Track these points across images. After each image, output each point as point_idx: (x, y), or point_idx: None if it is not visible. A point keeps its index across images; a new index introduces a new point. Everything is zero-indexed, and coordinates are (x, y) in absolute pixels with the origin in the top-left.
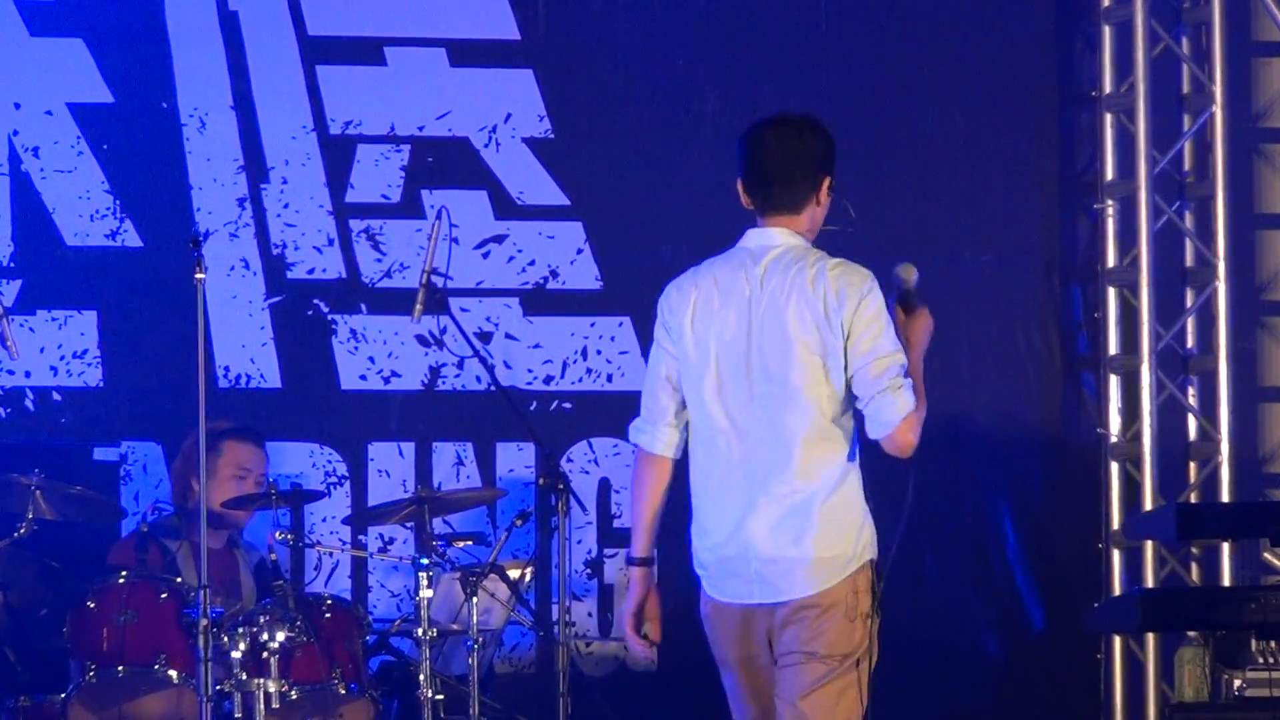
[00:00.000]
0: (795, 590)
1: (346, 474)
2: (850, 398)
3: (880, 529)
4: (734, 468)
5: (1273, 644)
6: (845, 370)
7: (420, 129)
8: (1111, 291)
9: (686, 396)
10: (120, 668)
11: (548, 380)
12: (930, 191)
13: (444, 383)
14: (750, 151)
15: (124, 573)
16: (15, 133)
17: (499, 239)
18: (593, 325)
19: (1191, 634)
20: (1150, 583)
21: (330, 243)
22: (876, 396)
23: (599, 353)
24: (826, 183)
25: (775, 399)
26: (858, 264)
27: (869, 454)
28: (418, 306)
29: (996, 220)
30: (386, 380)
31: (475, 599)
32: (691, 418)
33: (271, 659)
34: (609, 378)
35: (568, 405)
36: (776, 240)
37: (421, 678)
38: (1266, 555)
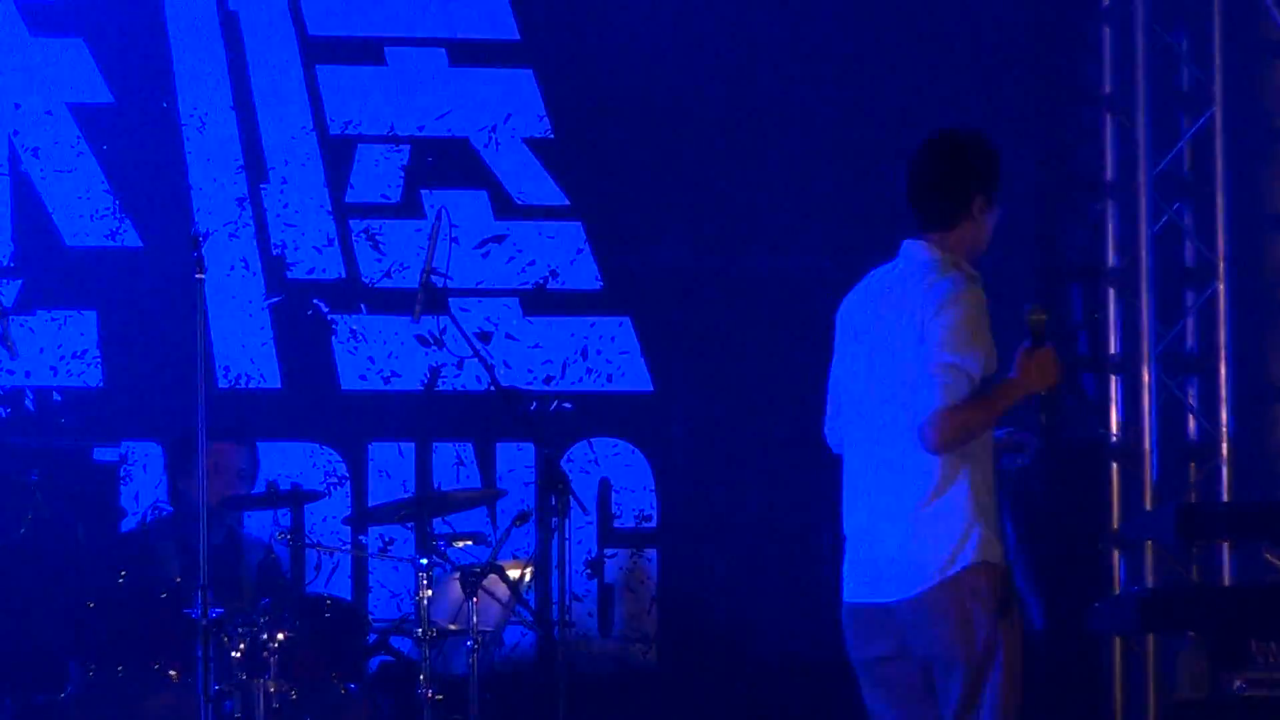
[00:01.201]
0: (895, 591)
1: (346, 474)
2: None
3: None
4: (857, 469)
5: (1273, 644)
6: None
7: (420, 129)
8: (1111, 291)
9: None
10: (120, 668)
11: (548, 380)
12: None
13: (444, 383)
14: (907, 170)
15: (124, 573)
16: (15, 133)
17: (499, 239)
18: (593, 325)
19: (1191, 634)
20: (1150, 583)
21: (330, 243)
22: (923, 385)
23: (599, 353)
24: (979, 200)
25: (881, 400)
26: (968, 274)
27: None
28: (417, 307)
29: (996, 220)
30: (386, 380)
31: (475, 599)
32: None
33: (271, 659)
34: (609, 378)
35: (568, 405)
36: (914, 252)
37: (421, 678)
38: (1267, 555)
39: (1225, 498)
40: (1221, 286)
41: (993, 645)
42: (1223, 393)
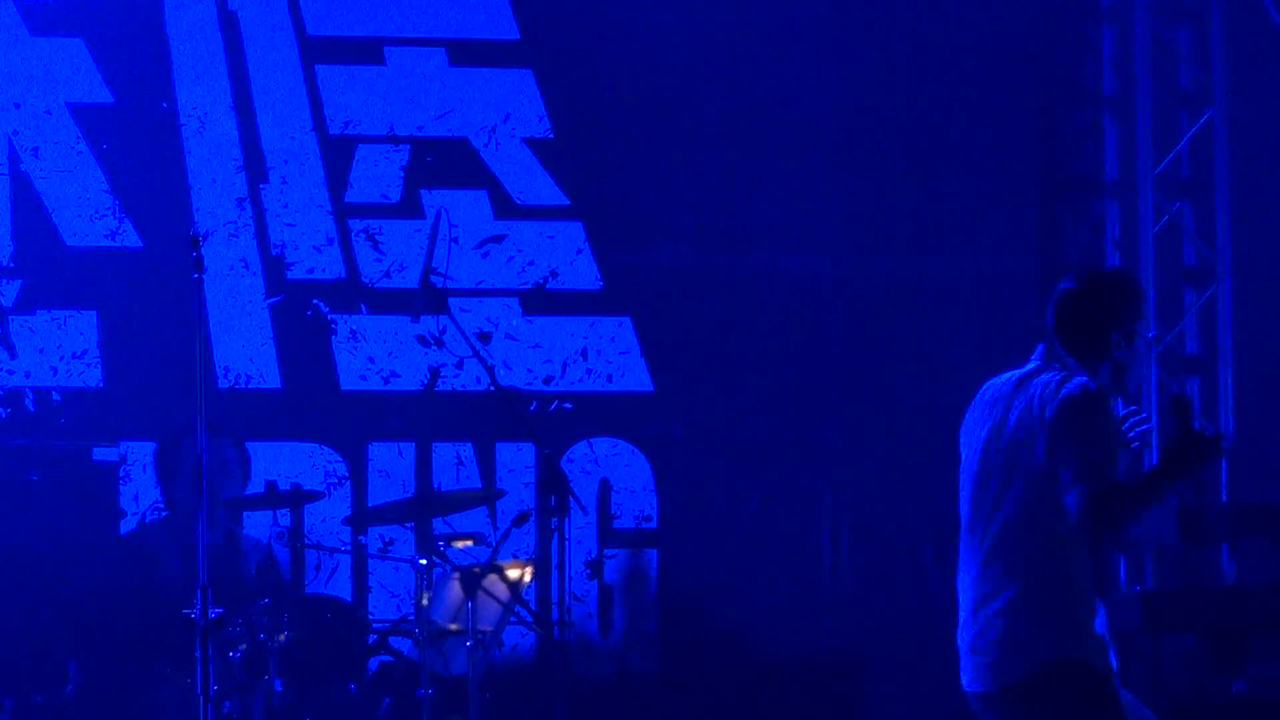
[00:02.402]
0: (987, 680)
1: (346, 474)
2: (1054, 496)
3: None
4: (967, 558)
5: (1273, 644)
6: (1050, 470)
7: (420, 129)
8: None
9: None
10: (120, 668)
11: (548, 380)
12: (929, 192)
13: (444, 383)
14: (1051, 303)
15: (125, 573)
16: (15, 133)
17: (499, 239)
18: (593, 325)
19: (1191, 634)
20: (1150, 583)
21: (330, 243)
22: (1065, 487)
23: (599, 353)
24: (1116, 339)
25: (992, 493)
26: (1089, 381)
27: None
28: (417, 307)
29: (996, 220)
30: (386, 380)
31: (475, 599)
32: None
33: (271, 659)
34: (609, 378)
35: (568, 405)
36: (1042, 357)
37: (421, 677)
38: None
39: (1225, 498)
40: (1222, 286)
41: None
42: (1223, 393)
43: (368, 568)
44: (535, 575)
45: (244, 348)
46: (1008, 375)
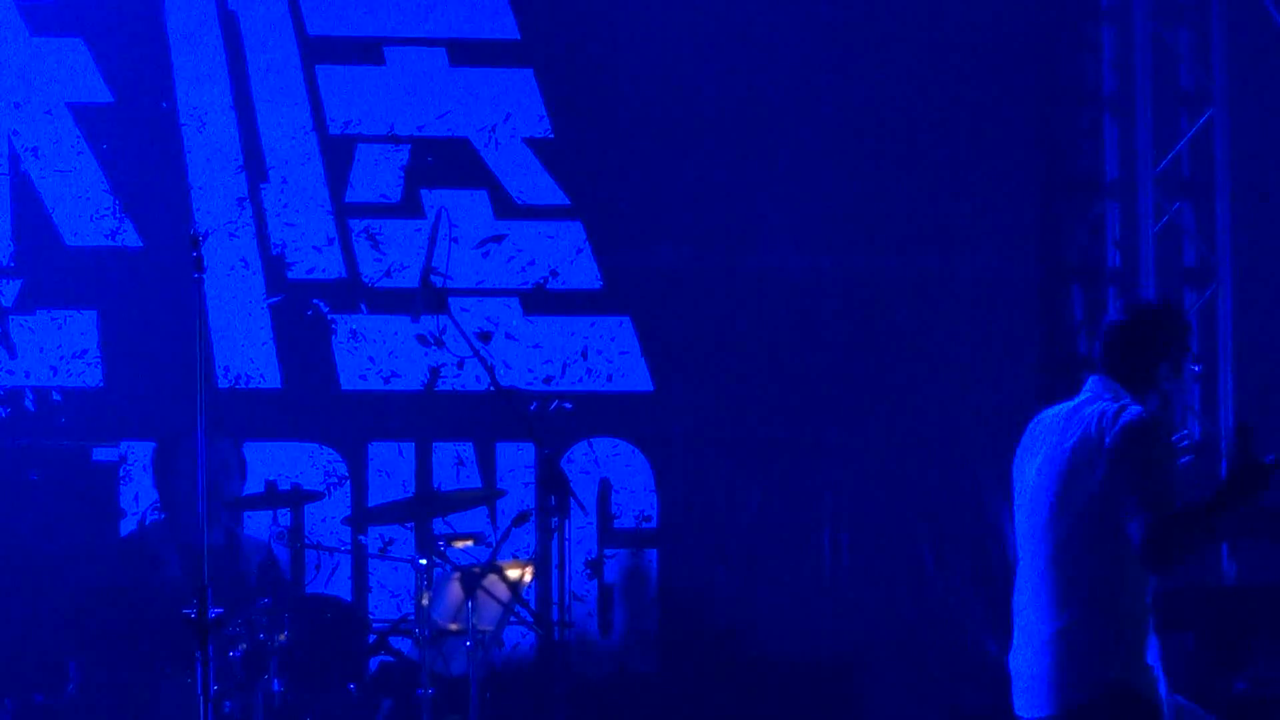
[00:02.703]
0: (1039, 705)
1: (346, 474)
2: (1111, 523)
3: None
4: (1022, 584)
5: (1273, 644)
6: (1108, 498)
7: (420, 129)
8: (1112, 291)
9: None
10: (120, 668)
11: (548, 380)
12: (929, 192)
13: (444, 383)
14: (1100, 334)
15: (125, 573)
16: (15, 133)
17: (499, 239)
18: (593, 325)
19: (1191, 634)
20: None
21: (330, 243)
22: (1126, 517)
23: (599, 353)
24: (1164, 369)
25: (1047, 519)
26: (1145, 411)
27: None
28: (417, 307)
29: (996, 220)
30: (386, 380)
31: (475, 599)
32: None
33: (271, 659)
34: (609, 377)
35: (568, 405)
36: (1098, 386)
37: (421, 677)
38: None
39: None
40: (1222, 286)
41: None
42: (1222, 393)
43: (368, 568)
44: (535, 575)
45: (244, 348)
46: (1059, 406)
